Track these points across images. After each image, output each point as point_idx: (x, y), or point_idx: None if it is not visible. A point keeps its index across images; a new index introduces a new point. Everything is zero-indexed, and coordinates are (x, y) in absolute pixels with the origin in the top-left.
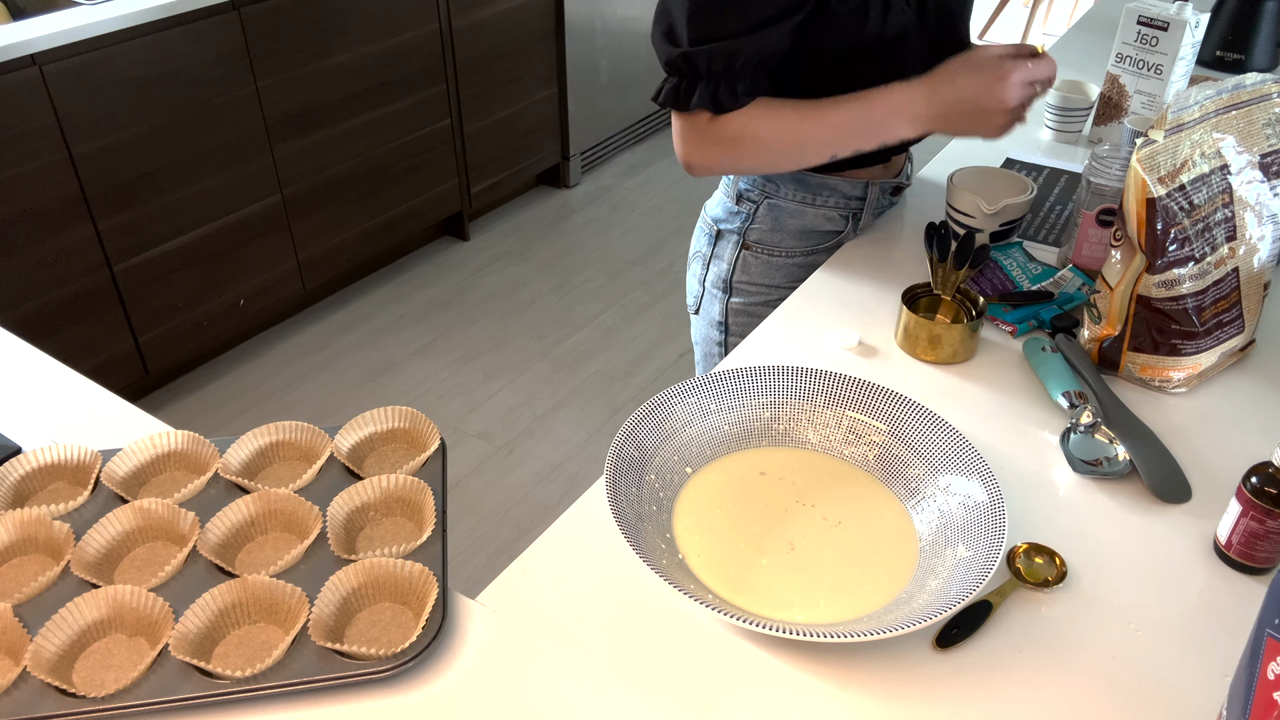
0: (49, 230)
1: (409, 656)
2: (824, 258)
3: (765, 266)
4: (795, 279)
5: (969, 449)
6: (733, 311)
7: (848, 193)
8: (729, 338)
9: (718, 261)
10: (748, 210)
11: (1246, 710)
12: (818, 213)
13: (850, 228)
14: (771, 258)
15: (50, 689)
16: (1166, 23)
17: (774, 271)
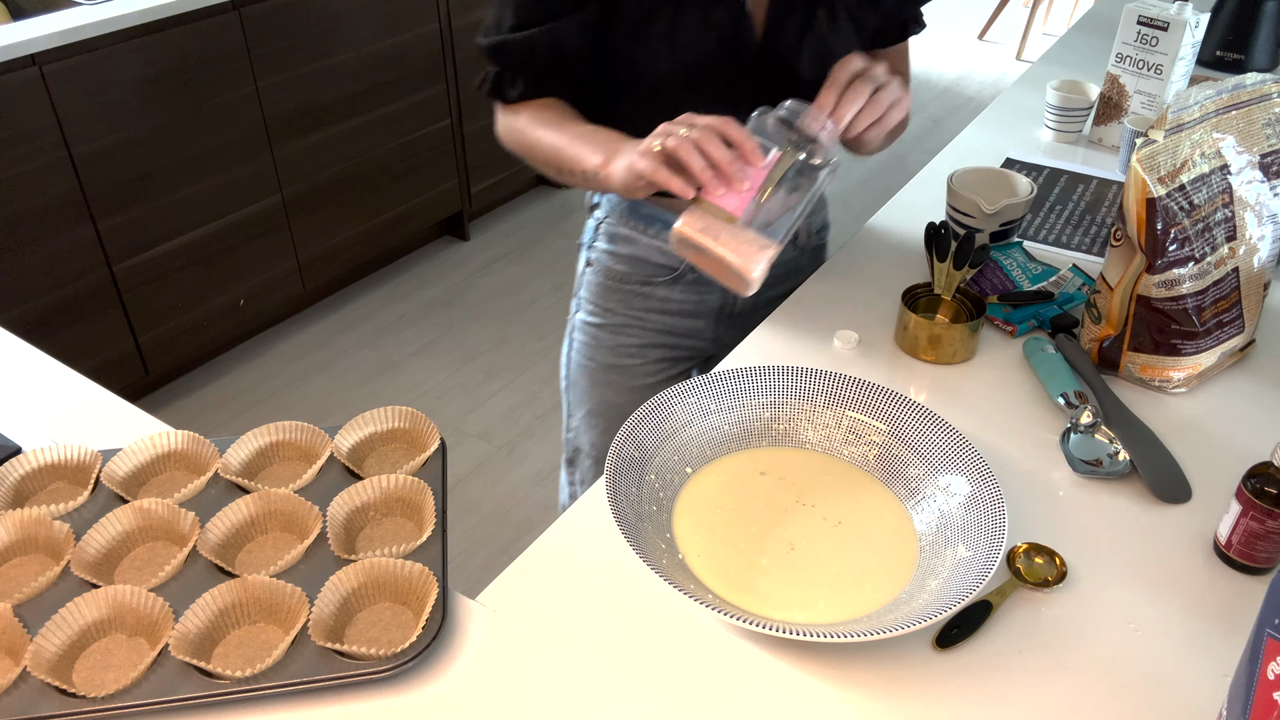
0: (49, 230)
1: (409, 656)
2: (664, 292)
3: (602, 287)
4: (631, 307)
5: (969, 449)
6: (577, 325)
7: None
8: (572, 353)
9: (578, 269)
10: (593, 225)
11: (1246, 710)
12: (648, 242)
13: (688, 265)
14: (607, 280)
15: (50, 689)
16: (1166, 23)
17: (609, 294)
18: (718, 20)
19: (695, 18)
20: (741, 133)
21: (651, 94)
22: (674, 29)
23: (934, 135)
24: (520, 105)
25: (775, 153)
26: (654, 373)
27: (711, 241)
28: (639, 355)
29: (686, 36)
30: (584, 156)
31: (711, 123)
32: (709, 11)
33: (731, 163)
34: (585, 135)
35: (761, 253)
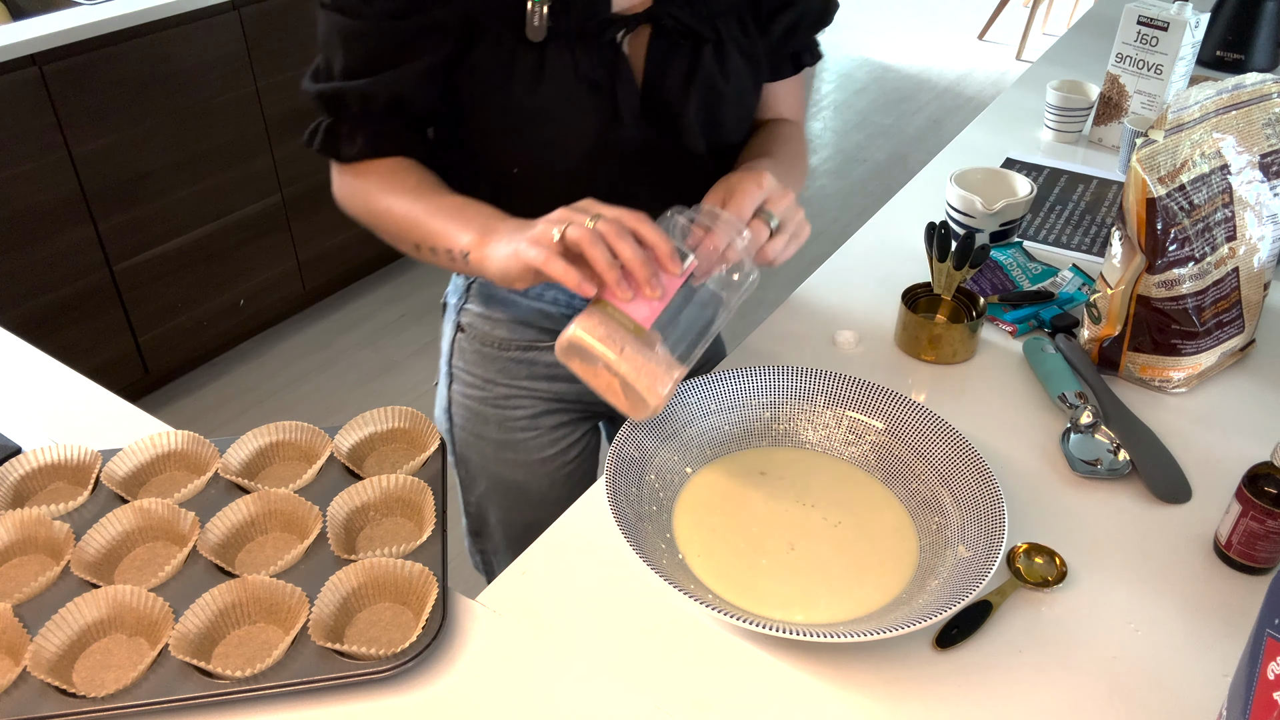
0: (49, 230)
1: (409, 656)
2: (549, 356)
3: (479, 356)
4: (514, 376)
5: (969, 449)
6: (455, 401)
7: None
8: (454, 430)
9: (443, 337)
10: (463, 285)
11: (1246, 710)
12: (530, 305)
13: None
14: (484, 347)
15: (50, 689)
16: (1166, 23)
17: (487, 362)
18: (588, 65)
19: (562, 63)
20: (656, 232)
21: (513, 152)
22: (538, 77)
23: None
24: (362, 165)
25: (692, 260)
26: (552, 443)
27: (614, 354)
28: (531, 428)
29: (552, 85)
30: (450, 234)
31: (621, 215)
32: (578, 56)
33: (645, 265)
34: (451, 209)
35: (669, 375)
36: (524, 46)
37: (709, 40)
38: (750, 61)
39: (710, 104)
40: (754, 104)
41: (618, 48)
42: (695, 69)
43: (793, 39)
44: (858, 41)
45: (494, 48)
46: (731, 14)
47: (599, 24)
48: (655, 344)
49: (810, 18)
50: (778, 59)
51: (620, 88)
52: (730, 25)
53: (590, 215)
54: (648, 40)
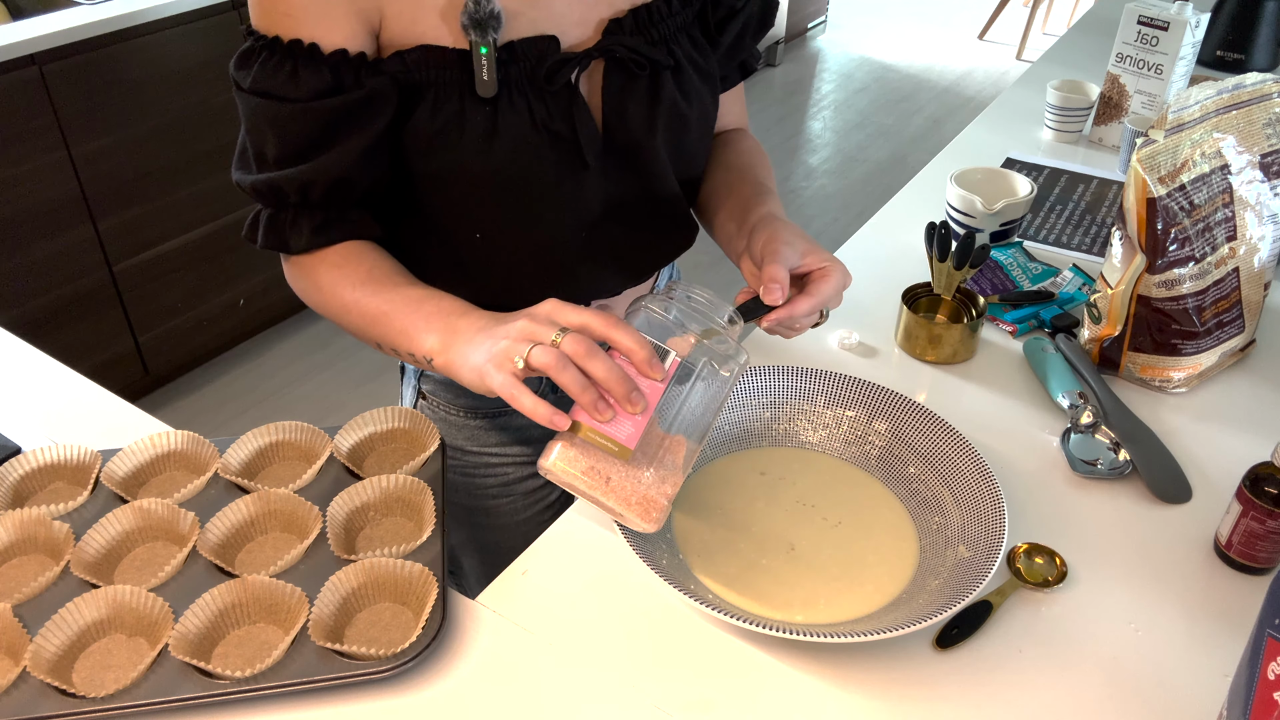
0: (49, 230)
1: (409, 656)
2: (519, 419)
3: (444, 425)
4: (483, 444)
5: (969, 449)
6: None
7: None
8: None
9: (403, 401)
10: None
11: (1247, 710)
12: None
13: (547, 387)
14: (449, 415)
15: (50, 689)
16: (1166, 23)
17: (454, 431)
18: (545, 114)
19: (517, 116)
20: (631, 336)
21: (472, 217)
22: (491, 134)
23: (934, 135)
24: (312, 256)
25: (674, 358)
26: (528, 506)
27: (599, 489)
28: (504, 494)
29: (508, 141)
30: (412, 337)
31: (589, 322)
32: (533, 105)
33: (621, 381)
34: (410, 305)
35: (661, 495)
36: (472, 103)
37: (667, 66)
38: (706, 79)
39: (677, 133)
40: (713, 123)
41: (574, 90)
42: (657, 98)
43: (740, 48)
44: (858, 41)
45: (438, 109)
46: (682, 33)
47: (552, 67)
48: (644, 463)
49: (755, 22)
50: (727, 69)
51: (582, 132)
52: (684, 45)
53: (555, 329)
54: (602, 76)
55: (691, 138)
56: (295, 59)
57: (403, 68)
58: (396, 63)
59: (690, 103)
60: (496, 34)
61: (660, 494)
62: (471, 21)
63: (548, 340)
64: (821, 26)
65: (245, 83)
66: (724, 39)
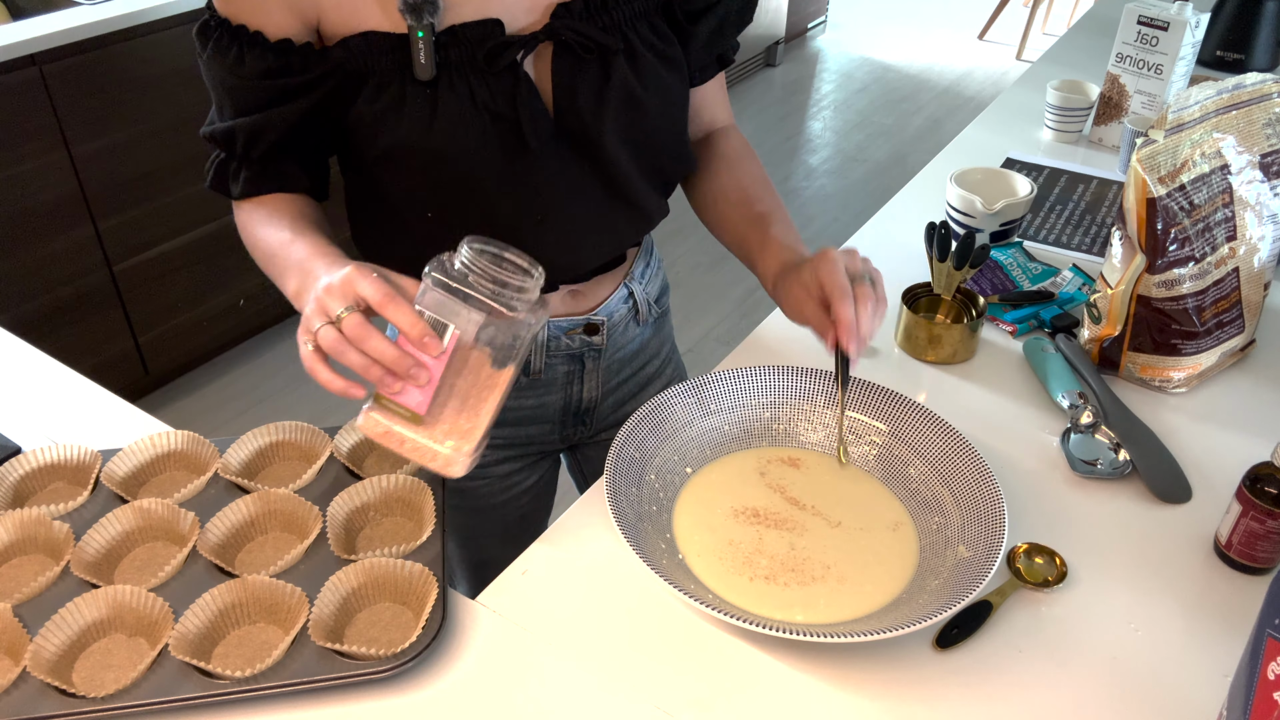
0: (49, 230)
1: (409, 656)
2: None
3: None
4: None
5: (969, 449)
6: None
7: None
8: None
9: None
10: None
11: (1246, 710)
12: None
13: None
14: None
15: (50, 689)
16: (1166, 23)
17: None
18: (486, 95)
19: (456, 97)
20: (408, 316)
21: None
22: (431, 116)
23: (934, 135)
24: (250, 201)
25: (453, 332)
26: (507, 489)
27: (400, 446)
28: (481, 477)
29: (446, 122)
30: (283, 277)
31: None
32: (474, 87)
33: (400, 359)
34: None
35: (460, 454)
36: (412, 86)
37: (617, 50)
38: (671, 67)
39: (631, 117)
40: (683, 114)
41: (518, 71)
42: (607, 82)
43: (719, 40)
44: (858, 41)
45: (379, 92)
46: (641, 20)
47: (492, 49)
48: (438, 424)
49: (734, 16)
50: (703, 61)
51: (524, 113)
52: (641, 31)
53: (344, 303)
54: (551, 60)
55: (652, 125)
56: (240, 43)
57: (346, 55)
58: (340, 50)
59: (648, 88)
60: (434, 18)
61: (457, 454)
62: (407, 7)
63: (335, 315)
64: (821, 26)
65: (203, 53)
66: (699, 30)
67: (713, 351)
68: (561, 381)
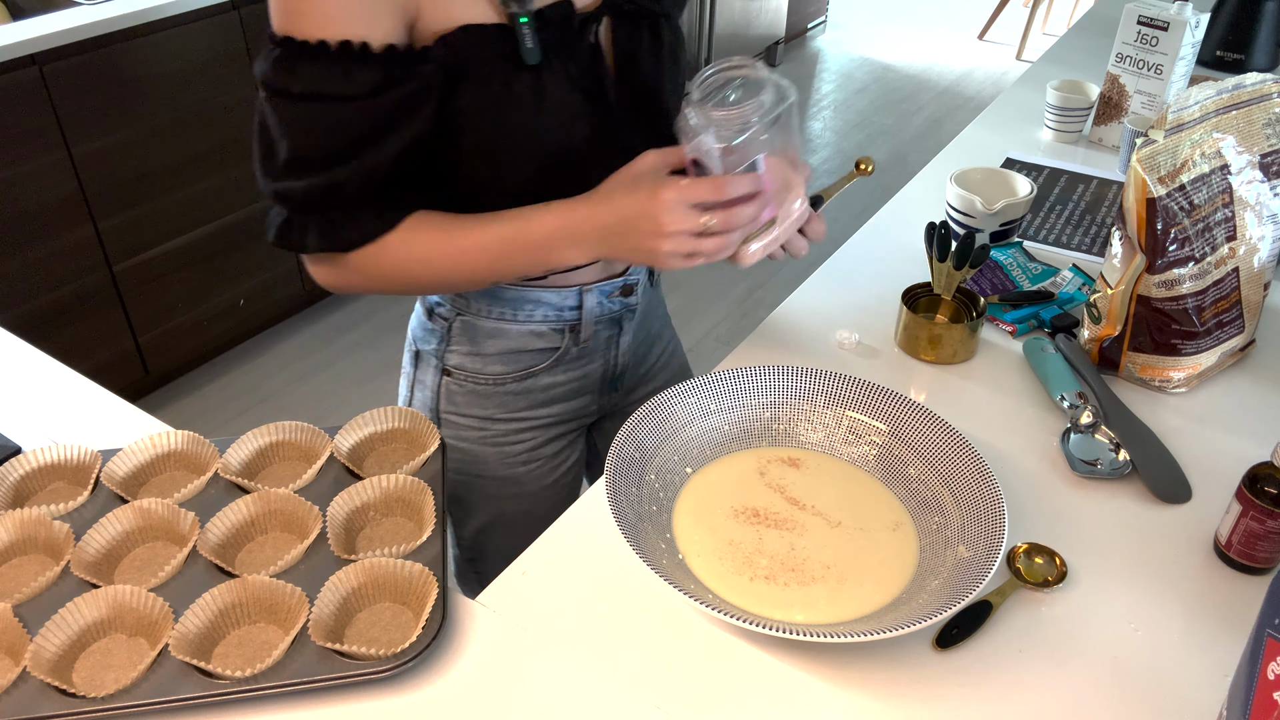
0: (49, 230)
1: (409, 656)
2: (546, 379)
3: (472, 396)
4: (512, 409)
5: (969, 449)
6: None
7: (557, 304)
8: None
9: (421, 387)
10: (441, 329)
11: (1246, 710)
12: (521, 329)
13: (569, 342)
14: (477, 386)
15: (50, 689)
16: (1166, 23)
17: (484, 401)
18: (578, 72)
19: (557, 78)
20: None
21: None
22: (539, 99)
23: (934, 135)
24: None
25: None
26: (552, 470)
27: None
28: (532, 459)
29: (553, 103)
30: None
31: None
32: (567, 66)
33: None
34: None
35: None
36: (516, 72)
37: (662, 14)
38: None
39: (676, 75)
40: None
41: (596, 47)
42: (659, 45)
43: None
44: (858, 41)
45: (483, 83)
46: None
47: (577, 27)
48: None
49: None
50: None
51: (607, 85)
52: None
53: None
54: (610, 31)
55: (684, 77)
56: (347, 59)
57: (447, 51)
58: (440, 47)
59: (679, 45)
60: (532, 3)
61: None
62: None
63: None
64: (821, 26)
65: (294, 87)
66: None
67: (713, 351)
68: (602, 348)
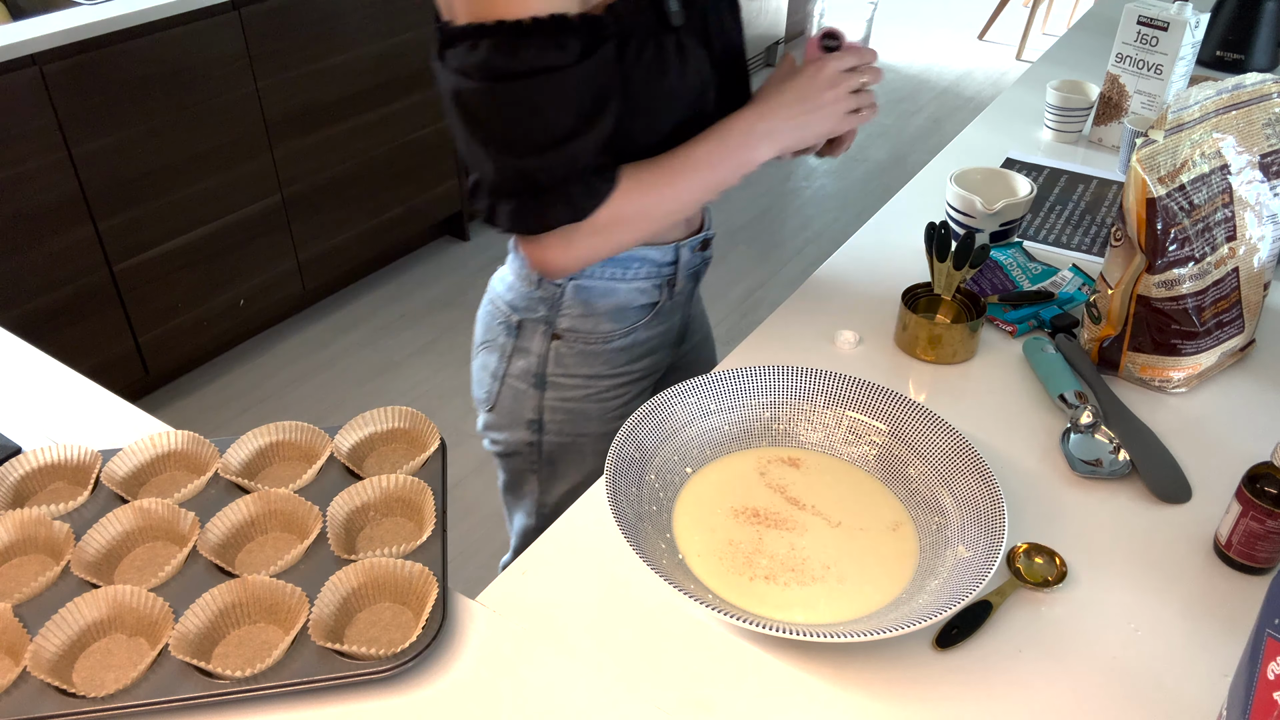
0: (49, 230)
1: (409, 656)
2: (644, 334)
3: (581, 356)
4: (614, 365)
5: (969, 449)
6: (549, 409)
7: (659, 260)
8: (544, 437)
9: (523, 355)
10: (552, 295)
11: (1246, 710)
12: (629, 287)
13: (666, 296)
14: (587, 345)
15: (50, 689)
16: (1166, 23)
17: (592, 359)
18: (700, 26)
19: (694, 35)
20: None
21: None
22: (682, 57)
23: (934, 135)
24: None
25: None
26: None
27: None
28: (625, 412)
29: (694, 60)
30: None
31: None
32: (694, 22)
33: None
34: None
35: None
36: (664, 33)
37: None
38: None
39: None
40: None
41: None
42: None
43: None
44: None
45: (641, 49)
46: None
47: None
48: None
49: None
50: None
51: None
52: None
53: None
54: None
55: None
56: (559, 31)
57: (614, 18)
58: (610, 16)
59: None
60: None
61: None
62: None
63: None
64: None
65: (518, 67)
66: None
67: None
68: (683, 303)
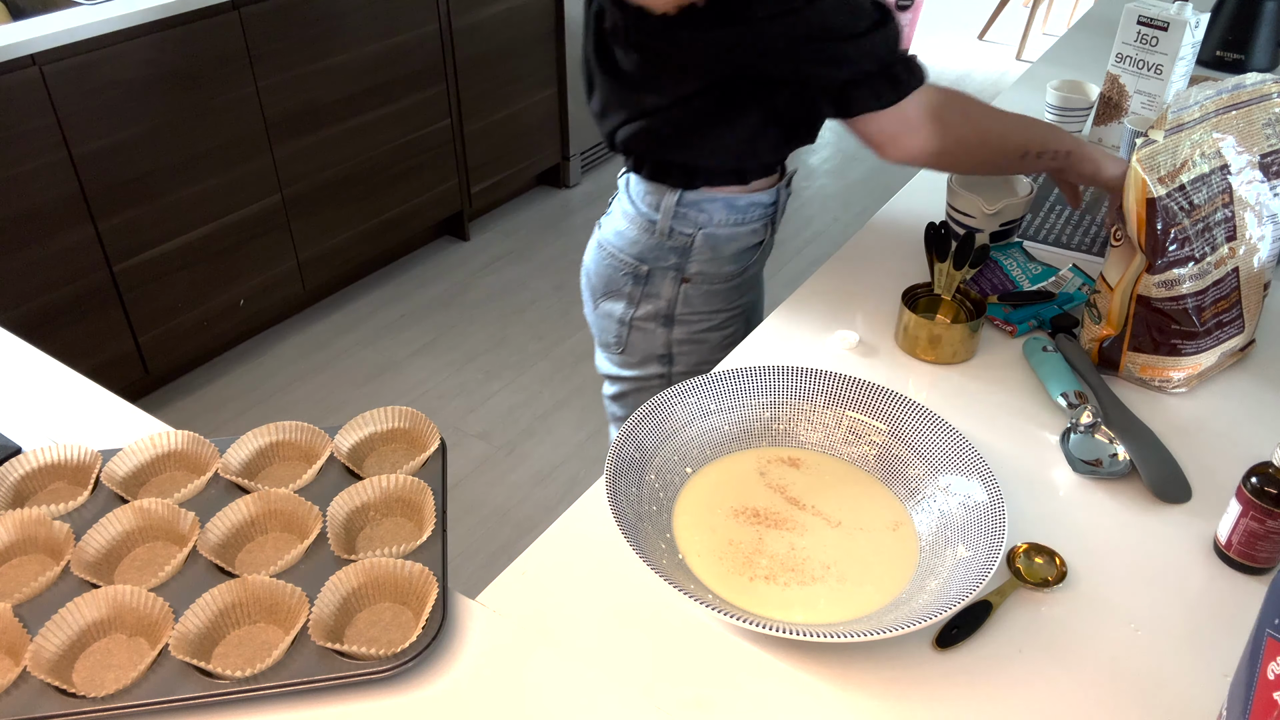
0: (49, 230)
1: (409, 656)
2: (753, 270)
3: (706, 295)
4: (732, 300)
5: (969, 449)
6: (677, 341)
7: (766, 202)
8: (673, 369)
9: (651, 299)
10: (683, 244)
11: (1246, 710)
12: (746, 230)
13: (770, 234)
14: (712, 286)
15: (50, 689)
16: (1166, 23)
17: (714, 298)
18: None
19: None
20: None
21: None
22: None
23: None
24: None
25: None
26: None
27: None
28: (736, 339)
29: None
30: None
31: None
32: None
33: None
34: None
35: None
36: None
37: None
38: None
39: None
40: None
41: None
42: None
43: None
44: None
45: None
46: None
47: None
48: None
49: None
50: None
51: None
52: None
53: None
54: None
55: None
56: None
57: None
58: None
59: None
60: None
61: None
62: None
63: None
64: None
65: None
66: None
67: None
68: (771, 241)
